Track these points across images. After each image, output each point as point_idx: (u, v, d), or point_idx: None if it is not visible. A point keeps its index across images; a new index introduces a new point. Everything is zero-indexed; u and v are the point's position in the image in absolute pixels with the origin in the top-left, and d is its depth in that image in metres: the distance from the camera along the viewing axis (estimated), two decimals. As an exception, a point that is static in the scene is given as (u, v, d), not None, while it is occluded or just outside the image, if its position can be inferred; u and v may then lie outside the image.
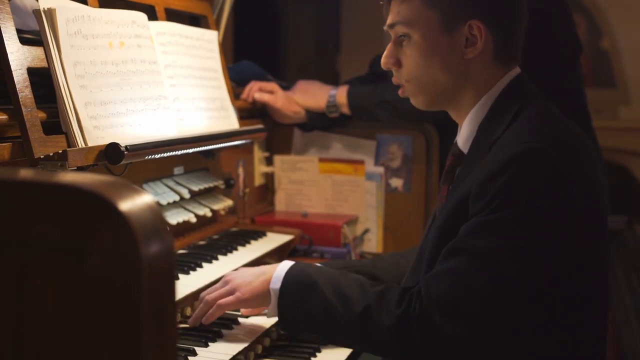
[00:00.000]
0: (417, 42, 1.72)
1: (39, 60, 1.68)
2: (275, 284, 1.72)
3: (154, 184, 2.12)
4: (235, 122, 2.43)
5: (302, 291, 1.70)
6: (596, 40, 5.49)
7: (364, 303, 1.64)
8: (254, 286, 1.75)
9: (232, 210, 2.51)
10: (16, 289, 0.84)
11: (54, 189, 0.83)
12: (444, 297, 1.57)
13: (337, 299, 1.66)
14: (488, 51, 1.70)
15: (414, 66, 1.73)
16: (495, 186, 1.55)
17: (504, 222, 1.54)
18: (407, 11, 1.72)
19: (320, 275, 1.72)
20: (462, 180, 1.68)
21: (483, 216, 1.56)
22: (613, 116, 5.48)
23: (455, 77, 1.72)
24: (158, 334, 0.83)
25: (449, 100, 1.76)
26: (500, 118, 1.68)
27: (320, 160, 2.78)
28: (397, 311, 1.60)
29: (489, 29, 1.68)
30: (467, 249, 1.57)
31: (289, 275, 1.73)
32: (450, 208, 1.66)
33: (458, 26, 1.69)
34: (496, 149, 1.62)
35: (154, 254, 0.81)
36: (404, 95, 1.80)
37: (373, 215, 2.75)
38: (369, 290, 1.67)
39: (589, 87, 2.84)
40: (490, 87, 1.72)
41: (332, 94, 2.68)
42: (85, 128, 1.70)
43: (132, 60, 1.92)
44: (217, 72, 2.42)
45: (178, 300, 1.80)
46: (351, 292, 1.67)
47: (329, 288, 1.68)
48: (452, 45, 1.70)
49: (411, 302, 1.60)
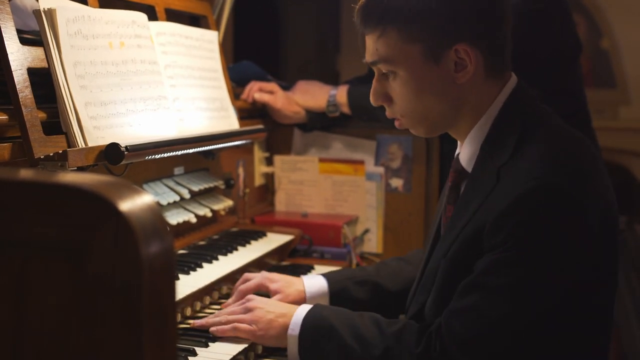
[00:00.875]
0: (404, 78, 1.65)
1: (39, 60, 1.68)
2: (293, 330, 1.71)
3: (154, 184, 2.12)
4: (235, 122, 2.43)
5: (320, 336, 1.69)
6: (596, 40, 5.49)
7: (383, 345, 1.62)
8: (272, 327, 1.73)
9: (232, 211, 2.51)
10: (16, 289, 0.84)
11: (54, 189, 0.83)
12: (465, 334, 1.56)
13: (356, 342, 1.65)
14: (480, 70, 1.64)
15: (406, 102, 1.68)
16: (511, 223, 1.52)
17: (522, 258, 1.53)
18: (386, 48, 1.65)
19: (338, 318, 1.71)
20: (467, 204, 1.65)
21: (499, 253, 1.54)
22: (613, 116, 5.48)
23: (450, 105, 1.67)
24: (158, 334, 0.83)
25: (449, 125, 1.73)
26: (504, 137, 1.64)
27: (320, 161, 2.78)
28: (416, 351, 1.59)
29: (476, 48, 1.62)
30: (485, 285, 1.56)
31: (306, 320, 1.71)
32: (460, 240, 1.63)
33: (444, 54, 1.62)
34: (507, 180, 1.58)
35: (154, 254, 0.81)
36: (402, 127, 1.76)
37: (373, 215, 2.75)
38: (386, 330, 1.65)
39: (589, 88, 2.84)
40: (489, 104, 1.67)
41: (332, 93, 2.68)
42: (85, 128, 1.70)
43: (132, 61, 1.92)
44: (217, 72, 2.42)
45: (178, 301, 1.80)
46: (369, 334, 1.65)
47: (347, 331, 1.66)
48: (442, 74, 1.63)
49: (431, 340, 1.59)
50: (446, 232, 1.72)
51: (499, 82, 1.68)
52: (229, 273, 2.05)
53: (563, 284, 1.55)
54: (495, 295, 1.55)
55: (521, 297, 1.54)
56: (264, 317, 1.75)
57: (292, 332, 1.70)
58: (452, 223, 1.70)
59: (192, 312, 1.87)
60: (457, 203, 1.72)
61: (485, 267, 1.56)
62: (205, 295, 1.93)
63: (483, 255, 1.57)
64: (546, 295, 1.54)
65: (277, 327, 1.73)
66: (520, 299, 1.54)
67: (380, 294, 2.00)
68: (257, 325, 1.74)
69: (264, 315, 1.75)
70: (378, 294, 2.00)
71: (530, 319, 1.55)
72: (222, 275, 2.01)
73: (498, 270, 1.54)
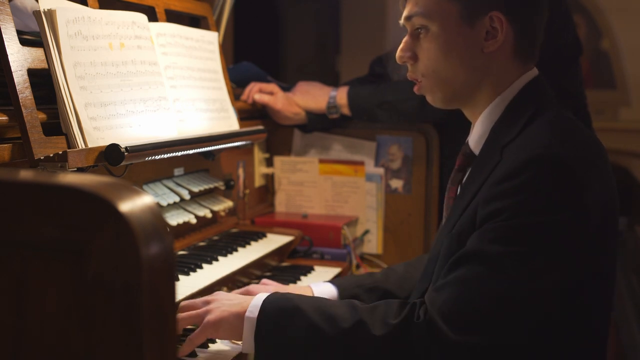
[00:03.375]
0: (436, 34, 1.67)
1: (39, 61, 1.68)
2: (251, 313, 1.57)
3: (154, 185, 2.12)
4: (235, 123, 2.43)
5: (282, 317, 1.55)
6: (596, 41, 5.50)
7: (354, 319, 1.52)
8: (226, 314, 1.59)
9: (232, 212, 2.52)
10: (16, 289, 0.84)
11: (54, 190, 0.83)
12: (450, 305, 1.48)
13: (324, 319, 1.53)
14: (508, 45, 1.66)
15: (431, 59, 1.68)
16: (507, 190, 1.49)
17: (517, 229, 1.48)
18: (427, 2, 1.67)
19: (304, 299, 1.60)
20: (472, 182, 1.64)
21: (493, 223, 1.50)
22: (613, 117, 5.49)
23: (474, 72, 1.67)
24: (158, 334, 0.83)
25: (466, 97, 1.71)
26: (514, 120, 1.63)
27: (320, 162, 2.79)
28: (393, 321, 1.50)
29: (510, 22, 1.64)
30: (475, 257, 1.50)
31: (267, 301, 1.59)
32: (465, 216, 1.60)
33: (479, 18, 1.64)
34: (509, 153, 1.57)
35: (154, 254, 0.81)
36: (420, 92, 1.74)
37: (373, 216, 2.75)
38: (358, 306, 1.57)
39: (589, 88, 2.84)
40: (507, 85, 1.68)
41: (332, 95, 2.68)
42: (85, 129, 1.70)
43: (132, 62, 1.92)
44: (217, 73, 2.42)
45: (178, 301, 1.80)
46: (339, 311, 1.55)
47: (314, 310, 1.55)
48: (472, 38, 1.65)
49: (413, 311, 1.52)
50: (450, 212, 1.69)
51: (523, 67, 1.69)
52: (229, 274, 2.05)
53: (559, 260, 1.48)
54: (487, 265, 1.48)
55: (514, 268, 1.46)
56: (219, 307, 1.62)
57: (250, 315, 1.57)
58: (456, 204, 1.68)
59: (192, 313, 1.87)
60: (463, 184, 1.71)
61: (477, 238, 1.51)
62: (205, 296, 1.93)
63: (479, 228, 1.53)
64: (540, 269, 1.47)
65: (233, 313, 1.59)
66: (512, 271, 1.47)
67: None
68: (210, 315, 1.60)
69: (219, 305, 1.63)
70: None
71: (522, 295, 1.47)
72: (222, 276, 2.01)
73: (492, 240, 1.48)
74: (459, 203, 1.66)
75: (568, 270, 1.50)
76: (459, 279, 1.51)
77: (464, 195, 1.65)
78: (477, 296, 1.48)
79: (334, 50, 5.81)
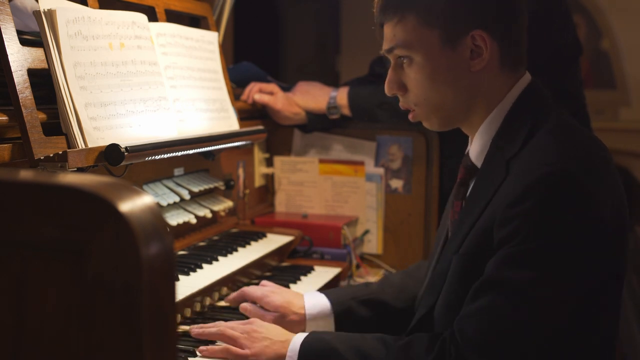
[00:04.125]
0: (421, 64, 1.65)
1: (39, 61, 1.68)
2: (291, 356, 1.62)
3: (154, 185, 2.12)
4: (235, 123, 2.43)
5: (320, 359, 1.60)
6: (596, 41, 5.49)
7: (390, 359, 1.55)
8: (266, 352, 1.65)
9: (232, 212, 2.52)
10: (16, 289, 0.84)
11: (54, 190, 0.83)
12: (481, 337, 1.49)
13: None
14: (495, 60, 1.65)
15: (420, 89, 1.67)
16: (521, 212, 1.48)
17: (534, 253, 1.47)
18: (403, 33, 1.65)
19: (339, 340, 1.63)
20: (477, 198, 1.63)
21: (511, 247, 1.49)
22: (613, 117, 5.48)
23: (465, 94, 1.66)
24: (158, 334, 0.83)
25: (461, 117, 1.71)
26: (515, 132, 1.62)
27: (320, 162, 2.79)
28: (428, 358, 1.52)
29: (493, 37, 1.63)
30: (498, 285, 1.49)
31: (306, 343, 1.63)
32: (474, 235, 1.59)
33: (460, 39, 1.63)
34: (517, 169, 1.56)
35: (154, 255, 0.81)
36: (415, 120, 1.74)
37: (373, 216, 2.75)
38: (392, 345, 1.58)
39: (589, 88, 2.85)
40: (502, 97, 1.67)
41: (332, 95, 2.68)
42: (85, 129, 1.70)
43: (132, 62, 1.92)
44: (217, 73, 2.42)
45: (178, 301, 1.80)
46: (374, 352, 1.57)
47: (350, 351, 1.58)
48: (458, 60, 1.64)
49: (445, 346, 1.52)
50: (455, 229, 1.68)
51: (513, 76, 1.68)
52: (229, 274, 2.05)
53: (579, 278, 1.48)
54: (509, 293, 1.48)
55: (536, 293, 1.47)
56: (259, 342, 1.67)
57: (291, 356, 1.62)
58: (461, 219, 1.67)
59: (192, 313, 1.87)
60: (467, 199, 1.70)
61: (497, 265, 1.50)
62: (205, 297, 1.93)
63: (495, 251, 1.52)
64: (562, 290, 1.48)
65: (271, 352, 1.65)
66: (535, 296, 1.47)
67: (385, 313, 1.94)
68: (250, 350, 1.66)
69: (260, 339, 1.67)
70: (384, 312, 1.94)
71: (547, 317, 1.48)
72: (222, 276, 2.01)
73: (510, 266, 1.48)
74: (464, 219, 1.65)
75: (592, 286, 1.51)
76: (484, 309, 1.51)
77: (469, 212, 1.64)
78: (503, 327, 1.49)
79: (334, 50, 5.81)
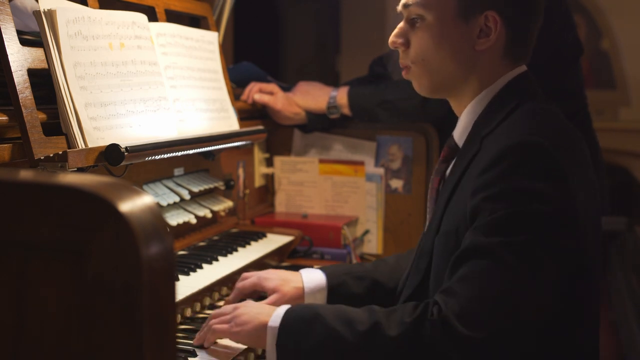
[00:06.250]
0: (430, 25, 1.70)
1: (39, 61, 1.68)
2: (274, 322, 1.60)
3: (154, 185, 2.12)
4: (235, 123, 2.43)
5: (303, 325, 1.57)
6: (596, 41, 5.50)
7: (371, 321, 1.53)
8: (249, 322, 1.64)
9: (232, 212, 2.52)
10: (16, 289, 0.84)
11: (54, 190, 0.83)
12: (464, 301, 1.49)
13: (342, 324, 1.54)
14: (499, 46, 1.69)
15: (423, 48, 1.71)
16: (491, 179, 1.51)
17: (509, 218, 1.49)
18: None
19: (324, 307, 1.62)
20: (454, 173, 1.66)
21: (486, 214, 1.51)
22: (613, 117, 5.49)
23: (462, 67, 1.70)
24: (158, 334, 0.83)
25: (451, 89, 1.75)
26: (495, 113, 1.67)
27: (320, 162, 2.79)
28: (408, 319, 1.51)
29: (504, 23, 1.67)
30: (476, 252, 1.51)
31: (290, 310, 1.62)
32: (451, 210, 1.62)
33: (474, 15, 1.67)
34: (488, 144, 1.60)
35: (154, 255, 0.81)
36: (407, 77, 1.78)
37: (373, 216, 2.75)
38: (376, 310, 1.57)
39: (589, 88, 2.84)
40: (494, 81, 1.71)
41: (332, 95, 2.68)
42: (85, 129, 1.70)
43: (132, 62, 1.92)
44: (217, 73, 2.42)
45: (178, 301, 1.80)
46: (357, 316, 1.56)
47: (333, 316, 1.56)
48: (465, 34, 1.68)
49: (427, 309, 1.52)
50: (435, 207, 1.72)
51: (511, 65, 1.72)
52: (229, 274, 2.05)
53: (555, 247, 1.50)
54: (486, 260, 1.49)
55: (513, 258, 1.47)
56: (242, 316, 1.66)
57: (273, 324, 1.59)
58: (439, 197, 1.71)
59: (192, 313, 1.87)
60: (446, 177, 1.73)
61: (475, 234, 1.51)
62: (205, 297, 1.93)
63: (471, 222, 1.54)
64: (540, 257, 1.49)
65: (256, 322, 1.63)
66: (512, 261, 1.47)
67: (378, 290, 1.98)
68: (234, 322, 1.65)
69: (243, 313, 1.66)
70: (376, 290, 1.98)
71: (525, 280, 1.48)
72: (222, 276, 2.01)
73: (486, 233, 1.50)
74: (442, 195, 1.69)
75: (565, 252, 1.52)
76: (464, 277, 1.51)
77: (446, 188, 1.68)
78: (483, 292, 1.49)
79: (334, 50, 5.81)
